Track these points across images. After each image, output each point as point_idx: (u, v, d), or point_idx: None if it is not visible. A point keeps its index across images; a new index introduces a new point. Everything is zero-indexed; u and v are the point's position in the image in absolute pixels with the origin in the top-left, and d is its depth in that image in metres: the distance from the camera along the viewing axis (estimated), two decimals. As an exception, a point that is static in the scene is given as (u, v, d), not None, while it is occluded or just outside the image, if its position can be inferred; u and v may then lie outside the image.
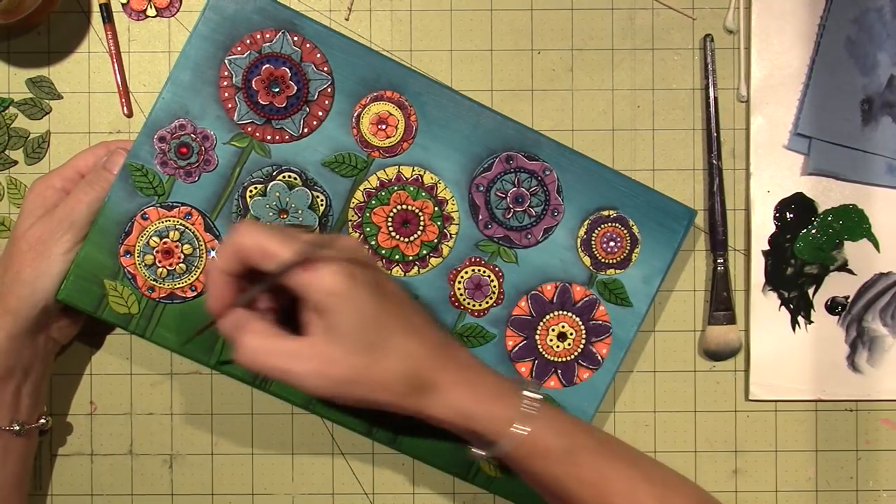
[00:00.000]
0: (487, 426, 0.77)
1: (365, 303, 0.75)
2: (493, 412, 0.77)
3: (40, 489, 0.97)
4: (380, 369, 0.75)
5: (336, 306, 0.74)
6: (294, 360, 0.75)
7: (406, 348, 0.76)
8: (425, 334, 0.78)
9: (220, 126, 0.89)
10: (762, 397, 0.97)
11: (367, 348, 0.75)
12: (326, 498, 0.98)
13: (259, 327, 0.76)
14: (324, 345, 0.75)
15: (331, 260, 0.74)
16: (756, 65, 0.97)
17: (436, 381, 0.77)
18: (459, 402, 0.77)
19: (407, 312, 0.78)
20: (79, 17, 0.96)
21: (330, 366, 0.74)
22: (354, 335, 0.75)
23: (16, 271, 0.86)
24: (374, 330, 0.75)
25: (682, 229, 0.92)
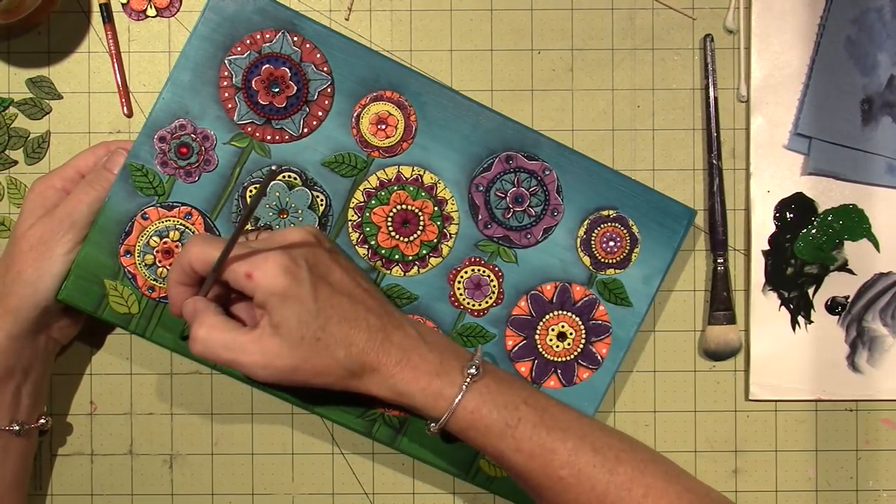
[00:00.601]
0: (425, 403, 0.81)
1: (304, 299, 0.78)
2: (429, 389, 0.81)
3: (40, 489, 0.97)
4: (319, 358, 0.79)
5: (276, 305, 0.78)
6: (241, 353, 0.79)
7: (345, 338, 0.80)
8: (367, 320, 0.81)
9: (220, 126, 0.89)
10: (762, 397, 0.97)
11: (307, 341, 0.79)
12: (326, 498, 0.98)
13: (211, 321, 0.80)
14: (267, 339, 0.79)
15: (269, 259, 0.78)
16: (756, 65, 0.97)
17: (374, 364, 0.81)
18: (396, 382, 0.81)
19: (349, 302, 0.81)
20: (79, 17, 0.96)
21: (273, 358, 0.79)
22: (294, 330, 0.78)
23: (17, 271, 0.86)
24: (314, 323, 0.79)
25: (682, 229, 0.92)
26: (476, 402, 0.80)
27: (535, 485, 0.81)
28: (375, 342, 0.80)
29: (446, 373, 0.81)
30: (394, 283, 0.91)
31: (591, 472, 0.80)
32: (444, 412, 0.80)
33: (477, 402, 0.80)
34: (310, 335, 0.79)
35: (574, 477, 0.80)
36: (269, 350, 0.78)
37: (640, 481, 0.80)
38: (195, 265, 0.80)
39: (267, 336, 0.79)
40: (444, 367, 0.81)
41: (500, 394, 0.81)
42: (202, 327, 0.80)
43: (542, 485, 0.81)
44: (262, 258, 0.78)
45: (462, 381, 0.81)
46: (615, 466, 0.80)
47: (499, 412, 0.80)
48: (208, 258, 0.79)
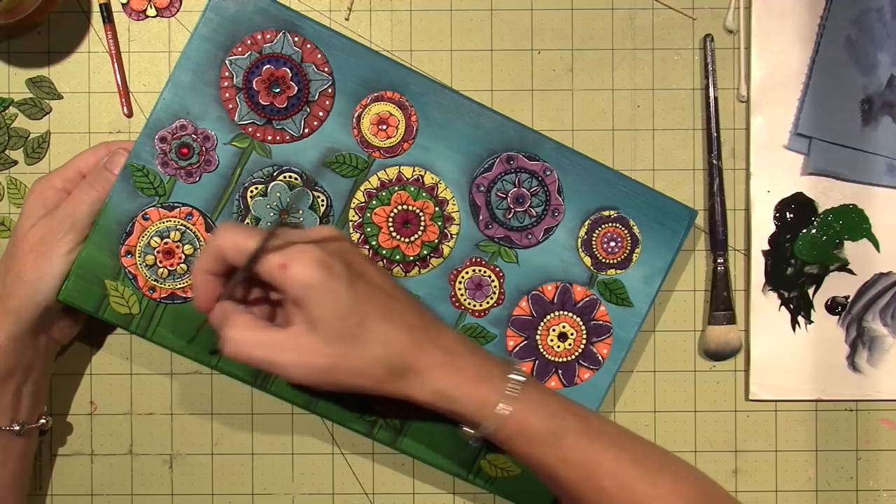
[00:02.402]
0: (470, 409, 0.79)
1: (341, 293, 0.76)
2: (475, 395, 0.78)
3: (40, 489, 0.97)
4: (358, 357, 0.77)
5: (312, 298, 0.75)
6: (275, 351, 0.76)
7: (384, 335, 0.77)
8: (406, 319, 0.79)
9: (220, 126, 0.89)
10: (762, 397, 0.98)
11: (345, 337, 0.76)
12: (326, 498, 0.98)
13: (242, 320, 0.78)
14: (303, 336, 0.76)
15: (305, 252, 0.76)
16: (756, 65, 0.97)
17: (416, 365, 0.78)
18: (441, 385, 0.78)
19: (387, 298, 0.79)
20: (79, 17, 0.96)
21: (309, 356, 0.76)
22: (331, 325, 0.76)
23: (17, 272, 0.86)
24: (352, 319, 0.76)
25: (683, 229, 0.92)
26: (523, 409, 0.78)
27: (575, 495, 0.80)
28: (415, 341, 0.78)
29: (490, 378, 0.79)
30: (395, 283, 0.91)
31: (632, 484, 0.78)
32: (487, 418, 0.78)
33: (524, 409, 0.78)
34: (347, 331, 0.76)
35: (615, 488, 0.78)
36: (305, 347, 0.76)
37: (681, 493, 0.79)
38: (228, 254, 0.77)
39: (302, 333, 0.76)
40: (488, 372, 0.79)
41: (544, 402, 0.79)
42: (234, 327, 0.77)
43: (583, 495, 0.79)
44: (297, 250, 0.76)
45: (505, 388, 0.78)
46: (656, 478, 0.79)
47: (545, 421, 0.79)
48: (244, 248, 0.76)
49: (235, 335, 0.77)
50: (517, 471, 0.91)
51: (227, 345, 0.77)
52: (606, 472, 0.79)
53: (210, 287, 0.80)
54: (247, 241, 0.76)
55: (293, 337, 0.76)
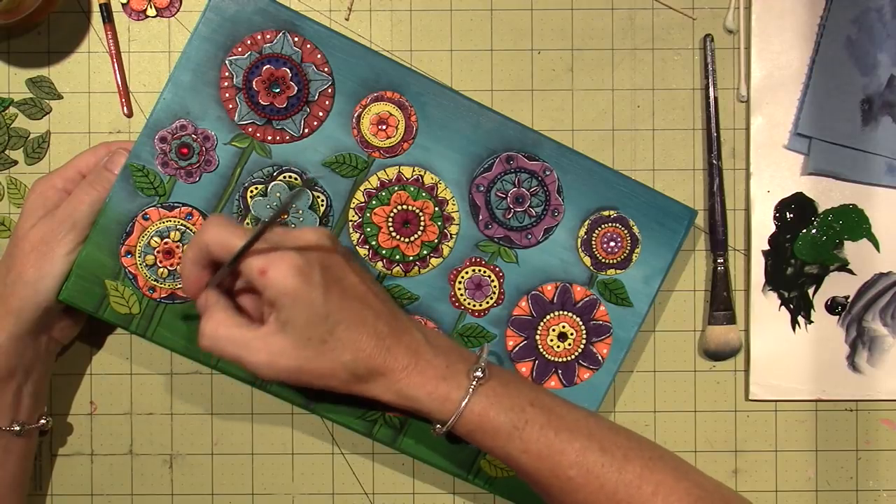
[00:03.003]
0: (432, 407, 0.81)
1: (315, 301, 0.78)
2: (436, 394, 0.80)
3: (40, 489, 0.97)
4: (325, 360, 0.79)
5: (286, 304, 0.78)
6: (246, 349, 0.79)
7: (353, 342, 0.79)
8: (377, 327, 0.80)
9: (220, 126, 0.89)
10: (762, 397, 0.98)
11: (314, 342, 0.79)
12: (326, 498, 0.98)
13: (220, 316, 0.80)
14: (273, 336, 0.79)
15: (284, 259, 0.78)
16: (756, 65, 0.97)
17: (381, 369, 0.80)
18: (403, 387, 0.81)
19: (360, 306, 0.81)
20: (79, 17, 0.96)
21: (278, 357, 0.79)
22: (302, 330, 0.78)
23: (18, 272, 0.86)
24: (322, 326, 0.78)
25: (683, 229, 0.92)
26: (483, 405, 0.80)
27: (543, 485, 0.81)
28: (383, 348, 0.80)
29: (453, 376, 0.81)
30: (394, 283, 0.91)
31: (599, 472, 0.80)
32: (450, 415, 0.80)
33: (483, 405, 0.80)
34: (317, 337, 0.78)
35: (583, 477, 0.80)
36: (274, 349, 0.78)
37: (650, 479, 0.80)
38: (213, 249, 0.79)
39: (273, 334, 0.78)
40: (451, 370, 0.81)
41: (506, 396, 0.81)
42: (210, 321, 0.80)
43: (551, 485, 0.81)
44: (278, 256, 0.78)
45: (468, 385, 0.81)
46: (623, 465, 0.80)
47: (506, 414, 0.80)
48: (228, 246, 0.78)
49: (210, 330, 0.80)
50: (517, 471, 0.91)
51: (203, 338, 0.80)
52: (571, 461, 0.80)
53: (197, 276, 0.82)
54: (232, 239, 0.78)
55: (264, 337, 0.79)
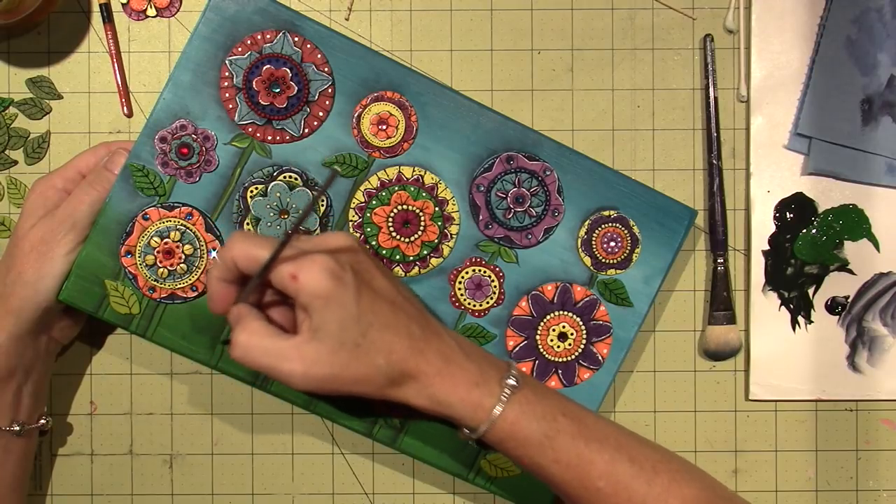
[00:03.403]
0: (464, 413, 0.80)
1: (347, 303, 0.77)
2: (469, 400, 0.80)
3: (40, 489, 0.97)
4: (359, 365, 0.78)
5: (320, 308, 0.77)
6: (280, 359, 0.77)
7: (387, 345, 0.78)
8: (409, 328, 0.80)
9: (220, 126, 0.89)
10: (762, 397, 0.98)
11: (348, 346, 0.77)
12: (326, 498, 0.98)
13: (253, 326, 0.78)
14: (307, 345, 0.77)
15: (315, 262, 0.77)
16: (756, 65, 0.97)
17: (414, 372, 0.79)
18: (435, 391, 0.80)
19: (391, 308, 0.80)
20: (79, 17, 0.96)
21: (313, 366, 0.77)
22: (336, 335, 0.77)
23: (18, 272, 0.86)
24: (356, 328, 0.77)
25: (683, 229, 0.92)
26: (515, 413, 0.80)
27: (572, 495, 0.81)
28: (416, 350, 0.79)
29: (485, 383, 0.80)
30: (395, 283, 0.91)
31: (628, 483, 0.80)
32: (482, 422, 0.80)
33: (516, 413, 0.80)
34: (350, 340, 0.77)
35: (611, 487, 0.80)
36: (309, 357, 0.77)
37: (677, 492, 0.80)
38: (240, 263, 0.78)
39: (307, 342, 0.77)
40: (483, 376, 0.81)
41: (538, 405, 0.81)
42: (244, 332, 0.78)
43: (580, 496, 0.80)
44: (309, 260, 0.77)
45: (500, 392, 0.80)
46: (652, 477, 0.80)
47: (537, 423, 0.80)
48: (256, 257, 0.78)
49: (244, 340, 0.78)
50: (517, 471, 0.91)
51: (236, 349, 0.78)
52: (601, 472, 0.80)
53: (225, 293, 0.81)
54: (258, 251, 0.78)
55: (297, 345, 0.77)
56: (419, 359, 0.79)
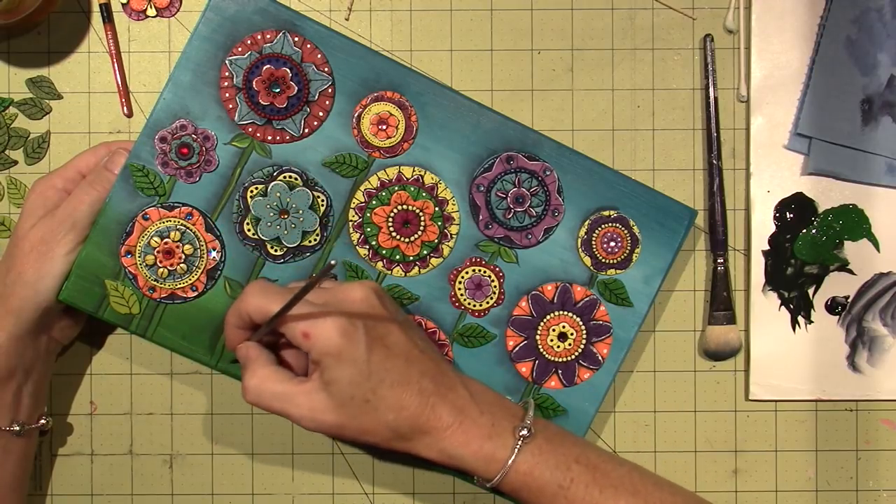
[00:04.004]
0: (477, 466, 0.81)
1: (358, 361, 0.79)
2: (481, 453, 0.81)
3: (40, 489, 0.97)
4: (367, 419, 0.80)
5: (331, 364, 0.79)
6: (291, 404, 0.80)
7: (397, 401, 0.80)
8: (421, 384, 0.81)
9: (220, 126, 0.89)
10: (762, 397, 0.97)
11: (357, 402, 0.79)
12: (326, 498, 0.98)
13: (263, 372, 0.81)
14: (316, 394, 0.80)
15: (328, 320, 0.78)
16: (756, 65, 0.97)
17: (425, 428, 0.81)
18: (448, 446, 0.81)
19: (404, 364, 0.81)
20: (79, 17, 0.96)
21: (321, 413, 0.80)
22: (346, 390, 0.79)
23: (18, 272, 0.86)
24: (366, 385, 0.79)
25: (683, 229, 0.92)
26: (528, 463, 0.81)
27: None
28: (427, 406, 0.80)
29: (498, 434, 0.81)
30: (395, 283, 0.91)
31: None
32: (496, 474, 0.81)
33: (529, 463, 0.81)
34: (359, 396, 0.79)
35: None
36: (317, 406, 0.79)
37: None
38: (253, 315, 0.81)
39: (316, 391, 0.80)
40: (496, 428, 0.81)
41: (552, 454, 0.81)
42: (254, 377, 0.81)
43: None
44: (321, 318, 0.78)
45: (514, 443, 0.81)
46: None
47: (551, 473, 0.81)
48: (266, 311, 0.80)
49: (254, 386, 0.81)
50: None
51: (248, 393, 0.81)
52: None
53: (239, 336, 0.84)
54: (270, 306, 0.80)
55: (307, 392, 0.80)
56: (430, 415, 0.80)
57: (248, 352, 0.82)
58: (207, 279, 0.89)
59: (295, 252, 0.90)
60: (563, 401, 0.91)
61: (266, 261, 0.89)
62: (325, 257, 0.90)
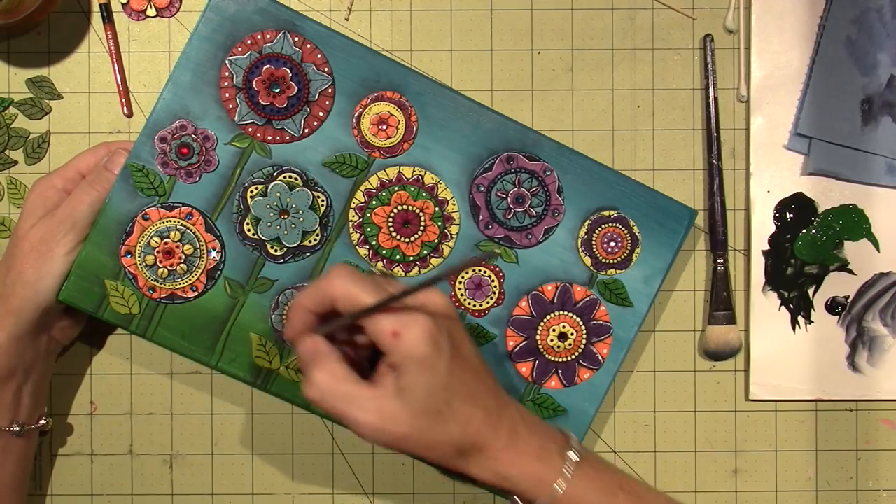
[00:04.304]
0: (526, 487, 0.80)
1: (440, 370, 0.76)
2: (531, 473, 0.79)
3: (40, 489, 0.97)
4: (436, 433, 0.77)
5: (412, 370, 0.75)
6: (357, 408, 0.76)
7: (465, 415, 0.78)
8: (486, 401, 0.79)
9: (220, 126, 0.89)
10: (762, 397, 0.97)
11: (430, 413, 0.76)
12: (326, 498, 0.98)
13: (332, 367, 0.77)
14: (389, 400, 0.76)
15: (419, 324, 0.75)
16: (756, 65, 0.97)
17: (484, 446, 0.79)
18: (501, 466, 0.79)
19: (475, 378, 0.79)
20: (79, 17, 0.96)
21: (390, 422, 0.76)
22: (421, 399, 0.76)
23: (18, 272, 0.86)
24: (442, 396, 0.76)
25: (683, 229, 0.92)
26: (577, 488, 0.79)
27: None
28: (489, 424, 0.79)
29: (548, 457, 0.80)
30: (395, 283, 0.91)
31: None
32: (543, 496, 0.79)
33: (578, 488, 0.79)
34: (433, 407, 0.76)
35: None
36: (388, 413, 0.76)
37: None
38: (339, 302, 0.77)
39: (389, 398, 0.76)
40: (545, 450, 0.80)
41: (598, 479, 0.81)
42: (323, 372, 0.77)
43: None
44: (412, 320, 0.75)
45: (562, 466, 0.80)
46: None
47: (597, 497, 0.80)
48: (357, 301, 0.76)
49: (322, 381, 0.77)
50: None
51: (313, 389, 0.77)
52: None
53: (306, 323, 0.79)
54: (362, 296, 0.76)
55: (378, 398, 0.76)
56: (491, 433, 0.79)
57: (317, 345, 0.78)
58: (207, 279, 0.89)
59: (295, 252, 0.90)
60: (563, 401, 0.92)
61: (266, 261, 0.89)
62: (325, 257, 0.90)
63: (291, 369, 0.90)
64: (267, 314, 0.90)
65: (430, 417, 0.76)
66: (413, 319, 0.75)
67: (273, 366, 0.90)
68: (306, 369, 0.78)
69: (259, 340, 0.89)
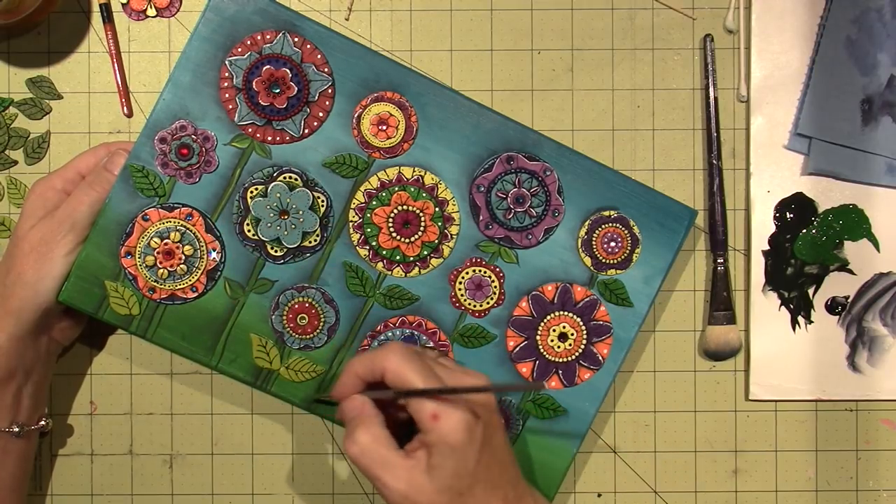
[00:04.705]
0: None
1: (469, 458, 0.79)
2: None
3: (40, 489, 0.97)
4: None
5: (444, 453, 0.79)
6: (390, 474, 0.80)
7: (483, 502, 0.81)
8: (506, 491, 0.82)
9: (220, 127, 0.89)
10: (762, 397, 0.98)
11: (453, 493, 0.80)
12: (326, 498, 0.98)
13: (374, 431, 0.81)
14: (418, 473, 0.79)
15: (458, 412, 0.79)
16: (756, 65, 0.97)
17: None
18: None
19: (500, 469, 0.82)
20: (79, 17, 0.96)
21: (416, 492, 0.80)
22: (448, 480, 0.79)
23: (17, 273, 0.86)
24: (467, 480, 0.80)
25: (683, 229, 0.92)
26: None
27: None
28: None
29: None
30: (395, 283, 0.91)
31: None
32: None
33: None
34: (457, 489, 0.79)
35: None
36: (415, 484, 0.79)
37: None
38: (388, 377, 0.80)
39: (420, 471, 0.79)
40: None
41: None
42: (367, 434, 0.80)
43: None
44: (453, 407, 0.79)
45: None
46: None
47: None
48: (405, 381, 0.80)
49: (365, 442, 0.80)
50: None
51: (354, 446, 0.80)
52: None
53: (355, 386, 0.83)
54: (413, 377, 0.80)
55: (409, 468, 0.80)
56: None
57: (364, 408, 0.82)
58: (207, 280, 0.89)
59: (295, 253, 0.90)
60: (563, 401, 0.92)
61: (266, 261, 0.89)
62: (325, 258, 0.90)
63: (291, 370, 0.90)
64: (267, 315, 0.90)
65: (453, 497, 0.80)
66: (454, 407, 0.79)
67: (273, 366, 0.90)
68: (350, 426, 0.82)
69: (259, 341, 0.90)
